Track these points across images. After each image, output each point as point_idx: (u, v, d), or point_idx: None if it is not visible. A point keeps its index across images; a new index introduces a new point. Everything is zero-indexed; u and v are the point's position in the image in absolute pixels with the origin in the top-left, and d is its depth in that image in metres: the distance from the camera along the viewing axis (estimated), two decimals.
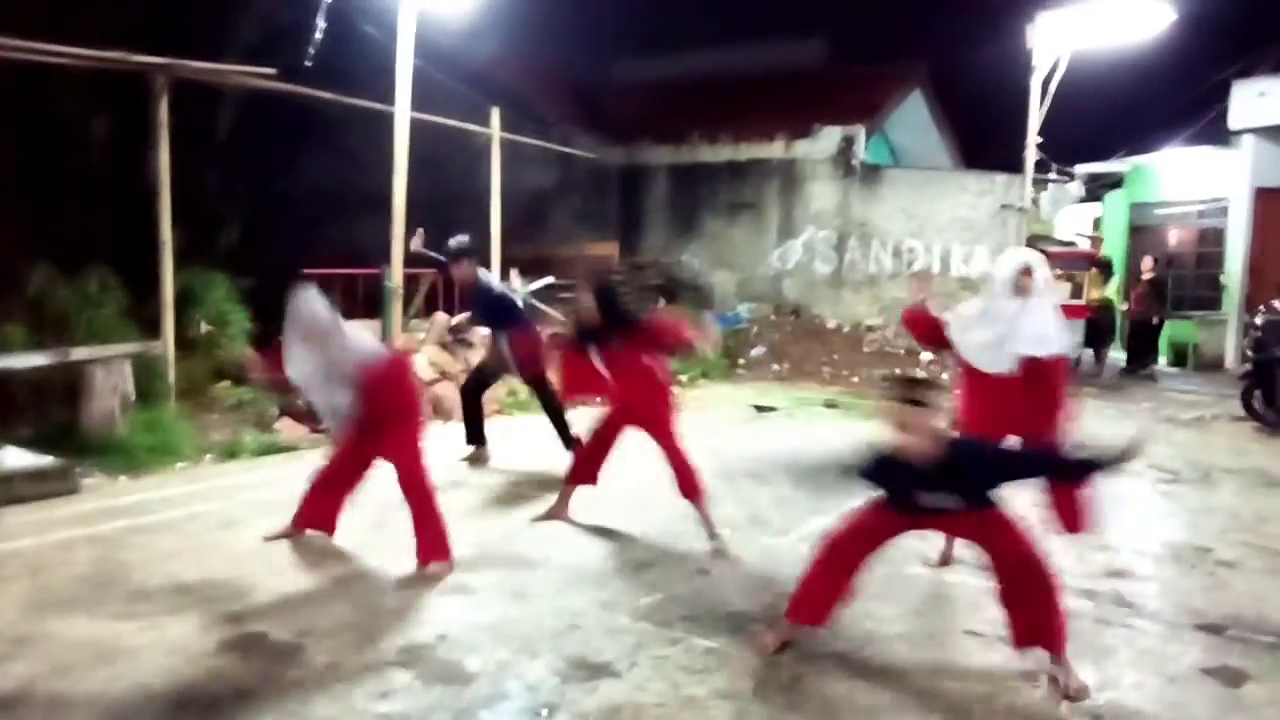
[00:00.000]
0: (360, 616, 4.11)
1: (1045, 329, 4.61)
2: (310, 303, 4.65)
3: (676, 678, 3.57)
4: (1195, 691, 3.61)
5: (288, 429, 7.74)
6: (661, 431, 5.28)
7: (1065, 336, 4.76)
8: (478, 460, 7.19)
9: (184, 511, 5.65)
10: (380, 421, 4.71)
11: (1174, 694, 3.58)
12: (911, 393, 3.48)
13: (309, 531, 5.06)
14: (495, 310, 7.30)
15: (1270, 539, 5.76)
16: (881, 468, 3.60)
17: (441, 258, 7.21)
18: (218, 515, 5.60)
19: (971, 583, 4.69)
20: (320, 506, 4.97)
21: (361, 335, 4.97)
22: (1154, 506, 6.39)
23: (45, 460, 5.93)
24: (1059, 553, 5.03)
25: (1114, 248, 16.74)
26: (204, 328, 8.43)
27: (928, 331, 5.03)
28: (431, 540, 4.71)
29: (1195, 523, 6.00)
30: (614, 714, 3.28)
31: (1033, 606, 3.54)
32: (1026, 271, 4.62)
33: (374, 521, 5.11)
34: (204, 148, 11.01)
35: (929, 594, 4.53)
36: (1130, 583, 4.79)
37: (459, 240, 7.12)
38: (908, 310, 5.12)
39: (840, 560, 3.77)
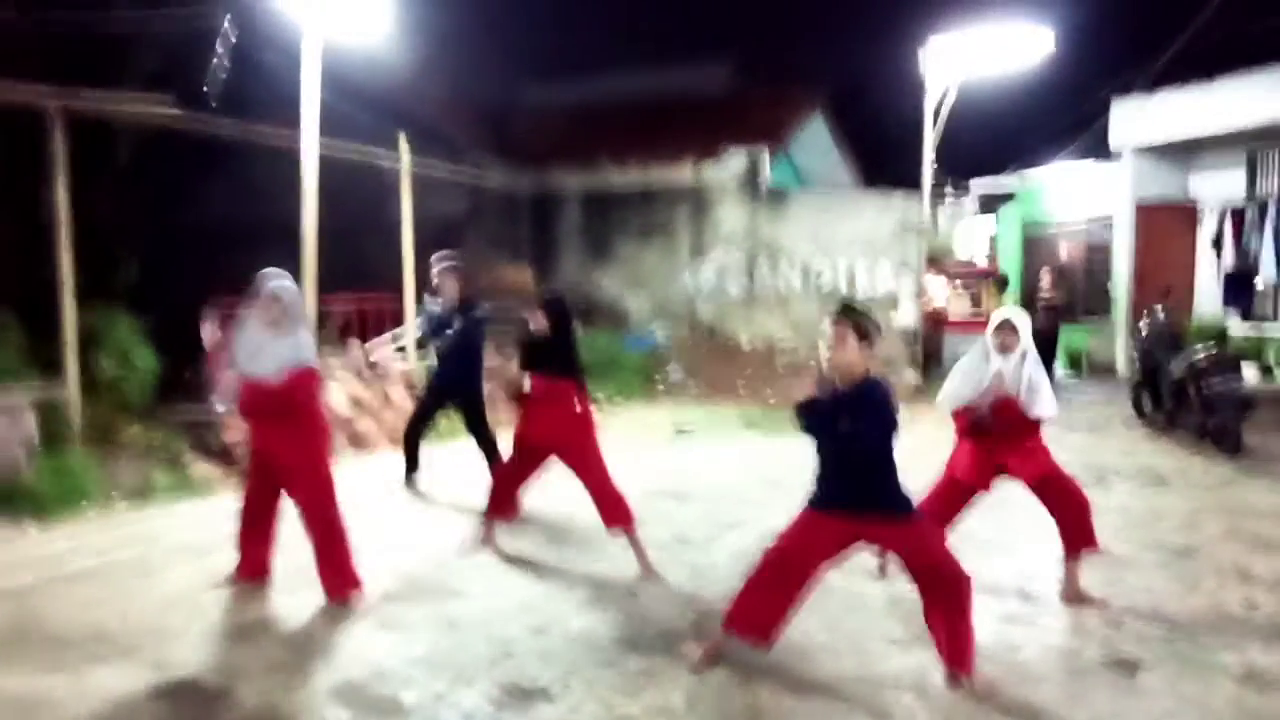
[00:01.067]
0: (290, 655, 4.10)
1: (1035, 382, 4.71)
2: (289, 284, 4.74)
3: (610, 698, 3.66)
4: (1096, 682, 3.86)
5: (201, 469, 7.59)
6: (582, 462, 5.28)
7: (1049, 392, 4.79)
8: (410, 488, 7.21)
9: (99, 560, 5.51)
10: (288, 437, 4.67)
11: (1076, 686, 3.82)
12: (848, 315, 3.73)
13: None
14: (479, 325, 7.29)
15: (1161, 534, 6.14)
16: (820, 393, 3.74)
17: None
18: (135, 562, 5.48)
19: (884, 591, 4.90)
20: (255, 553, 4.90)
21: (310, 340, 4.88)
22: None
23: None
24: (965, 556, 5.31)
25: (1008, 260, 17.50)
26: (107, 368, 8.18)
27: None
28: (339, 571, 4.71)
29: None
30: None
31: (950, 618, 3.73)
32: (1007, 328, 4.73)
33: (291, 558, 5.03)
34: (99, 181, 10.73)
35: (847, 604, 4.70)
36: (1034, 582, 5.06)
37: (446, 253, 7.32)
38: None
39: (781, 577, 3.86)
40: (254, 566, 4.91)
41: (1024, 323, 4.79)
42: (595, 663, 4.00)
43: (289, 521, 4.90)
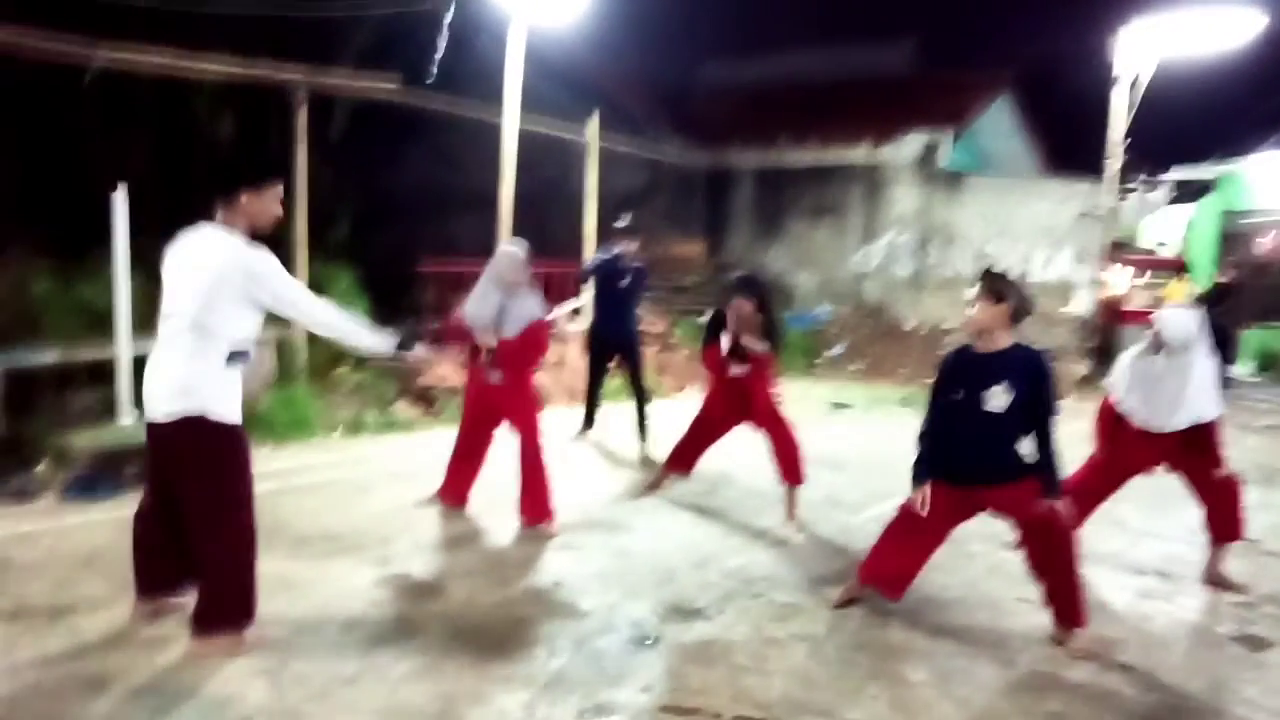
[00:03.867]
0: (487, 564, 4.81)
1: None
2: (517, 253, 5.42)
3: (759, 623, 4.17)
4: (1219, 654, 4.08)
5: (403, 409, 8.52)
6: (773, 421, 5.76)
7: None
8: (584, 440, 7.91)
9: (323, 477, 6.45)
10: (514, 381, 5.36)
11: (1198, 655, 4.05)
12: (993, 283, 3.94)
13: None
14: (641, 282, 7.97)
15: None
16: (957, 360, 4.07)
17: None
18: (352, 481, 6.38)
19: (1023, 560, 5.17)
20: (460, 481, 5.67)
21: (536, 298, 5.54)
22: None
23: None
24: (1112, 538, 5.52)
25: (1203, 254, 16.70)
26: None
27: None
28: (538, 500, 5.39)
29: (1250, 519, 6.27)
30: (707, 646, 3.89)
31: (1058, 573, 4.00)
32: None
33: (489, 485, 5.74)
34: (319, 147, 11.93)
35: (987, 568, 5.02)
36: (1176, 564, 5.22)
37: (626, 217, 8.01)
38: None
39: (910, 538, 4.25)
40: (457, 492, 5.68)
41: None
42: (747, 594, 4.51)
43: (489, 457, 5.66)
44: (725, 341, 5.68)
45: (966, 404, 3.96)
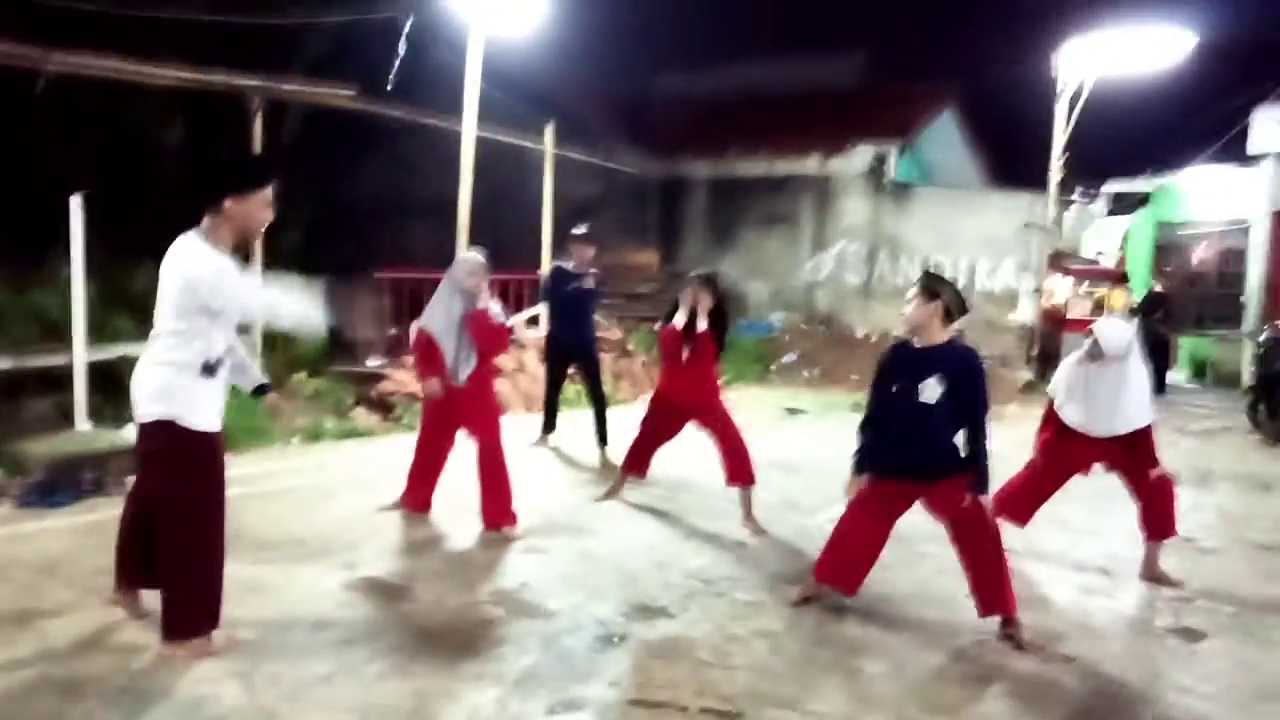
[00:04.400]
0: (453, 567, 4.89)
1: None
2: (475, 259, 5.53)
3: (721, 621, 4.30)
4: (1157, 645, 4.29)
5: (362, 417, 8.54)
6: (721, 422, 5.94)
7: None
8: (544, 446, 7.99)
9: (285, 483, 6.46)
10: (474, 386, 5.43)
11: (1138, 647, 4.27)
12: (928, 282, 4.19)
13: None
14: (597, 290, 8.09)
15: (1254, 533, 6.39)
16: (895, 355, 4.30)
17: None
18: (314, 487, 6.41)
19: None
20: (421, 487, 5.71)
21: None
22: None
23: None
24: (1056, 537, 5.76)
25: (1139, 265, 17.28)
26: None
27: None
28: (500, 504, 5.47)
29: (1184, 518, 6.55)
30: (672, 643, 4.01)
31: (989, 575, 4.19)
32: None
33: (451, 490, 5.79)
34: (270, 153, 11.86)
35: (938, 567, 5.19)
36: (1117, 562, 5.45)
37: (582, 226, 8.05)
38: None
39: (859, 534, 4.43)
40: (418, 498, 5.73)
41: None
42: (709, 594, 4.64)
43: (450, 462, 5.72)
44: (680, 317, 5.87)
45: (903, 396, 4.16)
